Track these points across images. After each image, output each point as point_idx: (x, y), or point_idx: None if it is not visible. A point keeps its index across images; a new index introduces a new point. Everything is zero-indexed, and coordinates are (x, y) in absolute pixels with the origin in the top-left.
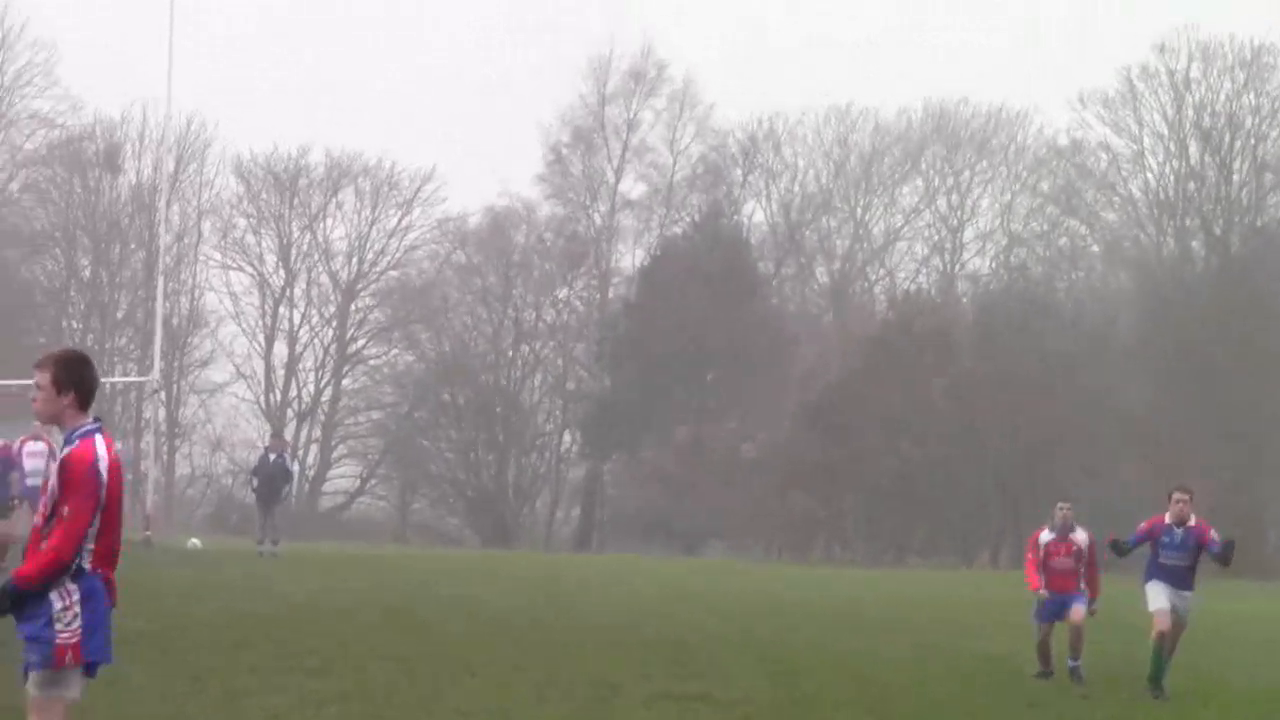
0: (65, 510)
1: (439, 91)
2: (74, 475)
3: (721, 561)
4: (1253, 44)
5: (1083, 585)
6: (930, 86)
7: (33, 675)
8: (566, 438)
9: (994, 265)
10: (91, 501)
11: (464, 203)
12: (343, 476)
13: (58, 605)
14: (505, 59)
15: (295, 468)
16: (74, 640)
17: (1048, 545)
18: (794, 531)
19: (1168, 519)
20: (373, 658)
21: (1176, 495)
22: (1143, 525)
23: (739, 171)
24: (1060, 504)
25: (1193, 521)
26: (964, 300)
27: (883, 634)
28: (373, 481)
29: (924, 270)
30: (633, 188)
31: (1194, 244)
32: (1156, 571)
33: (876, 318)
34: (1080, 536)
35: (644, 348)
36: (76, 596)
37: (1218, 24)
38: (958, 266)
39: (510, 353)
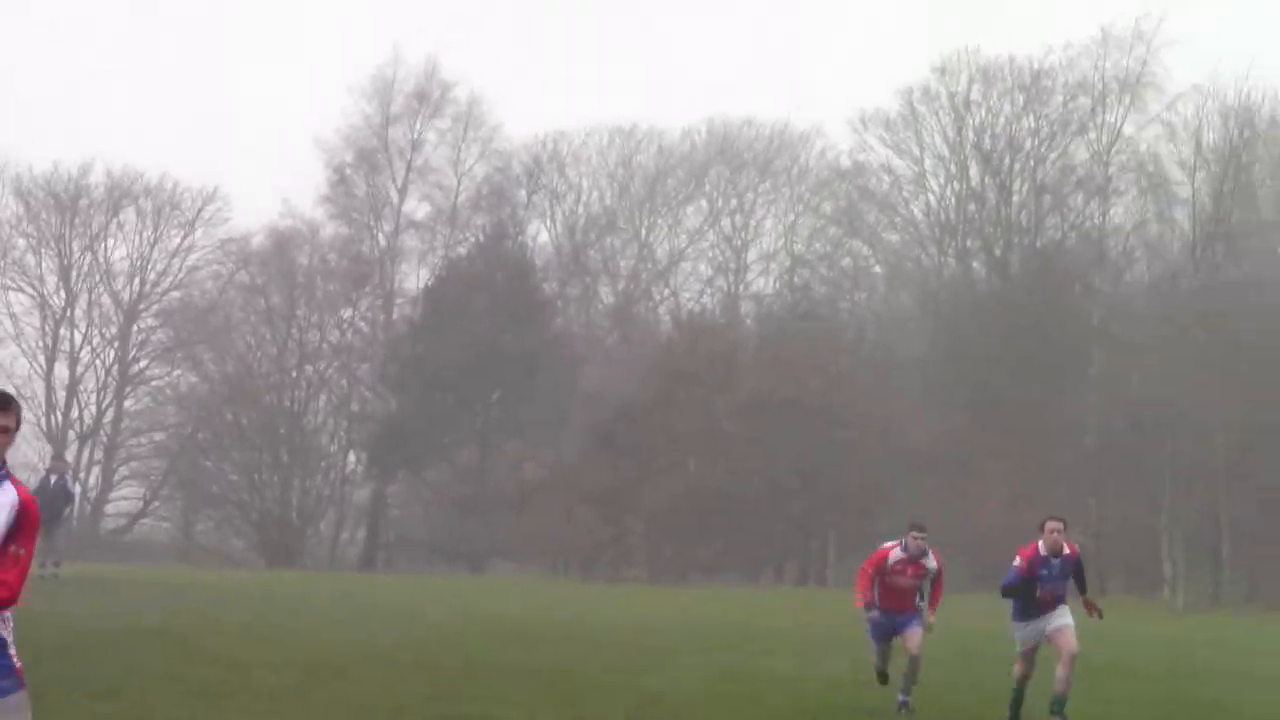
0: (20, 550)
1: (222, 112)
2: (31, 518)
3: (507, 581)
4: (1032, 67)
5: (920, 602)
6: (715, 107)
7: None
8: (351, 458)
9: (778, 286)
10: (35, 540)
11: (247, 223)
12: (125, 498)
13: (5, 634)
14: (290, 79)
15: (77, 489)
16: (19, 665)
17: (895, 564)
18: (580, 550)
19: (1043, 550)
20: (157, 680)
21: (1050, 525)
22: (1019, 563)
23: (523, 192)
24: (915, 533)
25: (1067, 550)
26: (748, 321)
27: (666, 653)
28: (155, 503)
29: (708, 291)
30: (417, 208)
31: (975, 264)
32: (1025, 609)
33: (661, 338)
34: (931, 562)
35: (429, 368)
36: (12, 625)
37: (998, 47)
38: (742, 287)
39: (294, 373)
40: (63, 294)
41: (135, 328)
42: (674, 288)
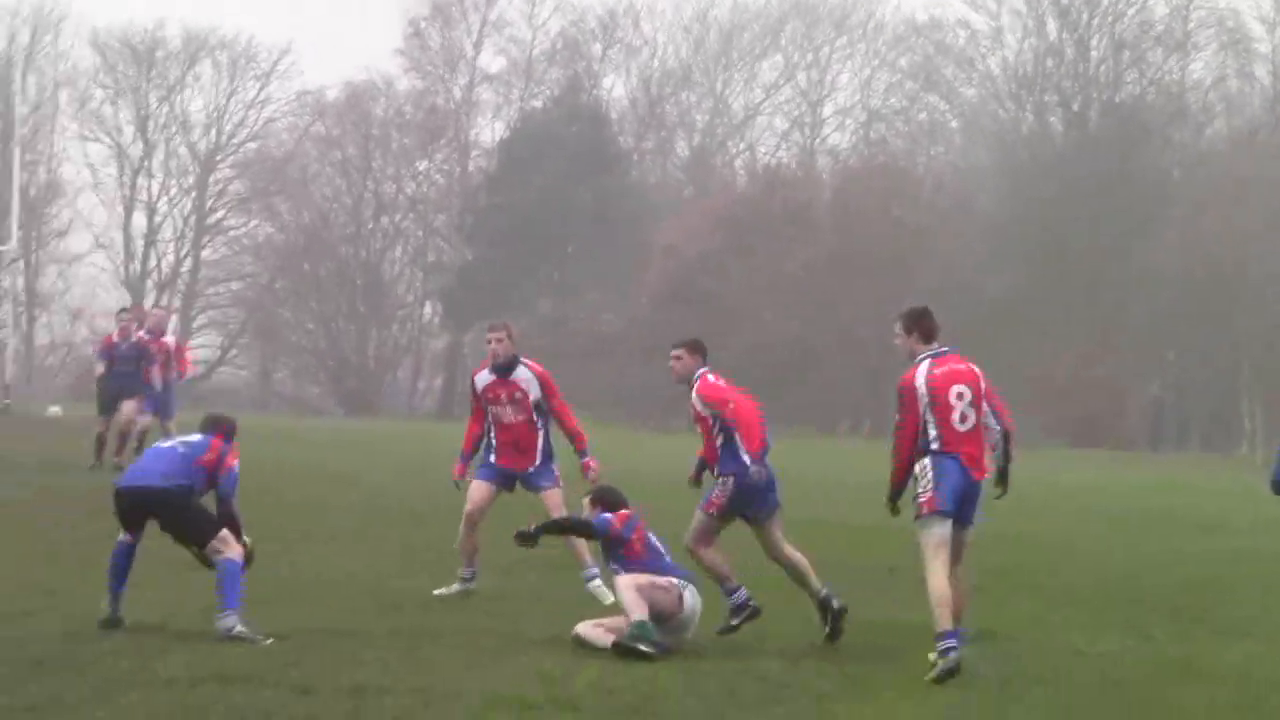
0: None
1: None
2: None
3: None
4: None
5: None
6: None
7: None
8: (427, 309)
9: (853, 140)
10: None
11: (322, 76)
12: (203, 346)
13: None
14: None
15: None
16: None
17: (486, 390)
18: (655, 403)
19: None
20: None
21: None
22: None
23: (598, 46)
24: (491, 332)
25: None
26: (824, 176)
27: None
28: (234, 352)
29: (784, 145)
30: (492, 62)
31: (1052, 120)
32: None
33: (737, 192)
34: (526, 375)
35: (504, 220)
36: None
37: None
38: (817, 141)
39: (370, 224)
40: (140, 144)
41: (212, 179)
42: (749, 142)
